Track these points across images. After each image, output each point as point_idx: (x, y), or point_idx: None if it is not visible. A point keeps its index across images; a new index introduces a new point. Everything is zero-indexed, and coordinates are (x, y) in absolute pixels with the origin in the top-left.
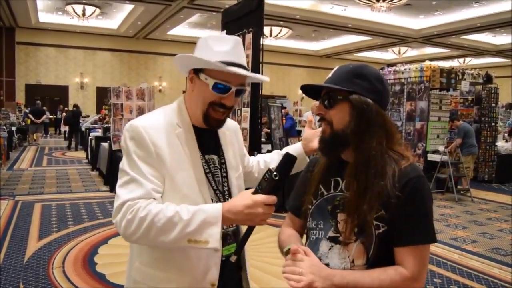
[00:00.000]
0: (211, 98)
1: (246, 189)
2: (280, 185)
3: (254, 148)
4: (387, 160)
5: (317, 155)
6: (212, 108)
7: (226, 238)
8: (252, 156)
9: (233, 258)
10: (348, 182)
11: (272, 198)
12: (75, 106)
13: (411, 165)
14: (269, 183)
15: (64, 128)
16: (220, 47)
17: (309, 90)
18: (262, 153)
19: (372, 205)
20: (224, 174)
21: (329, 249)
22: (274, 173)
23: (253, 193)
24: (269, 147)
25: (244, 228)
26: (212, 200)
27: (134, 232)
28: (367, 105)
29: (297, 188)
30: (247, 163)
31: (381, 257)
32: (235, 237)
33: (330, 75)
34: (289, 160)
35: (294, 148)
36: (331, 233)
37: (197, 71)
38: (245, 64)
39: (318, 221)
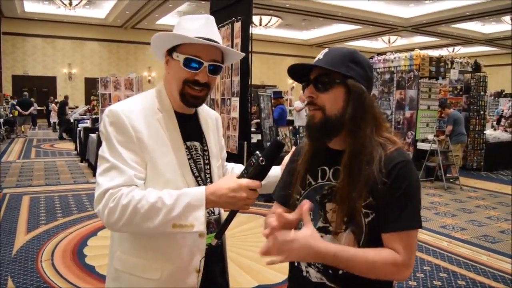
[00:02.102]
0: (184, 76)
1: None
2: (266, 170)
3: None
4: (374, 146)
5: (301, 144)
6: (188, 86)
7: (208, 226)
8: (227, 163)
9: (214, 241)
10: (341, 170)
11: (257, 183)
12: (65, 97)
13: (398, 149)
14: (255, 168)
15: (54, 120)
16: (191, 25)
17: (296, 72)
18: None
19: (361, 192)
20: (206, 161)
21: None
22: (261, 158)
23: (238, 177)
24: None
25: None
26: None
27: (118, 220)
28: (362, 91)
29: (283, 178)
30: (223, 158)
31: (372, 245)
32: (217, 225)
33: (320, 56)
34: (276, 146)
35: (274, 170)
36: (320, 223)
37: (170, 52)
38: (219, 40)
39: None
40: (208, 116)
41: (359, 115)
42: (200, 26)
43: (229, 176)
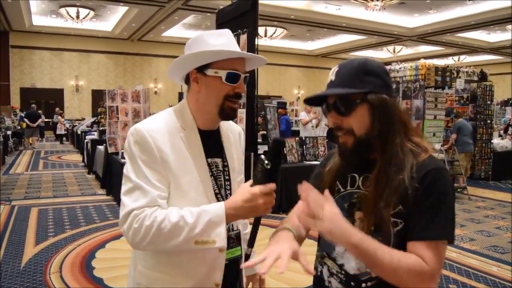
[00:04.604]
0: (225, 91)
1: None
2: (275, 171)
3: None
4: (405, 153)
5: (333, 150)
6: (228, 100)
7: (229, 241)
8: None
9: (249, 251)
10: (371, 181)
11: (269, 187)
12: None
13: (431, 156)
14: (262, 173)
15: (60, 132)
16: (217, 41)
17: (312, 98)
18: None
19: (389, 201)
20: (227, 177)
21: (345, 249)
22: (266, 162)
23: (251, 185)
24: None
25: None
26: None
27: (142, 240)
28: (386, 102)
29: (312, 181)
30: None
31: None
32: (238, 240)
33: (333, 78)
34: (276, 145)
35: None
36: None
37: (201, 69)
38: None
39: None
40: (230, 130)
41: (386, 128)
42: (226, 41)
43: (243, 187)
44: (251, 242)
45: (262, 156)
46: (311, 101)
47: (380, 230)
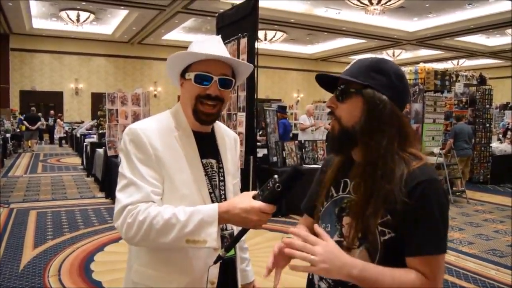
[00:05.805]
0: (196, 92)
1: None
2: (282, 196)
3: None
4: (396, 161)
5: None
6: (200, 102)
7: (223, 240)
8: None
9: (223, 253)
10: (356, 183)
11: (270, 207)
12: None
13: (423, 166)
14: (270, 192)
15: (60, 135)
16: (200, 46)
17: (325, 81)
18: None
19: (377, 209)
20: (221, 179)
21: None
22: (277, 184)
23: (254, 196)
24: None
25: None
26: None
27: (135, 235)
28: (381, 102)
29: (312, 188)
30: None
31: (387, 265)
32: (231, 239)
33: (348, 66)
34: (296, 174)
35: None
36: (336, 238)
37: (183, 74)
38: (227, 56)
39: (325, 224)
40: (226, 134)
41: (373, 127)
42: (208, 46)
43: (245, 195)
44: (229, 247)
45: (276, 176)
46: (323, 83)
47: (366, 237)
